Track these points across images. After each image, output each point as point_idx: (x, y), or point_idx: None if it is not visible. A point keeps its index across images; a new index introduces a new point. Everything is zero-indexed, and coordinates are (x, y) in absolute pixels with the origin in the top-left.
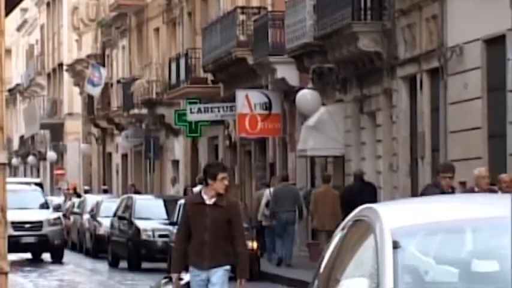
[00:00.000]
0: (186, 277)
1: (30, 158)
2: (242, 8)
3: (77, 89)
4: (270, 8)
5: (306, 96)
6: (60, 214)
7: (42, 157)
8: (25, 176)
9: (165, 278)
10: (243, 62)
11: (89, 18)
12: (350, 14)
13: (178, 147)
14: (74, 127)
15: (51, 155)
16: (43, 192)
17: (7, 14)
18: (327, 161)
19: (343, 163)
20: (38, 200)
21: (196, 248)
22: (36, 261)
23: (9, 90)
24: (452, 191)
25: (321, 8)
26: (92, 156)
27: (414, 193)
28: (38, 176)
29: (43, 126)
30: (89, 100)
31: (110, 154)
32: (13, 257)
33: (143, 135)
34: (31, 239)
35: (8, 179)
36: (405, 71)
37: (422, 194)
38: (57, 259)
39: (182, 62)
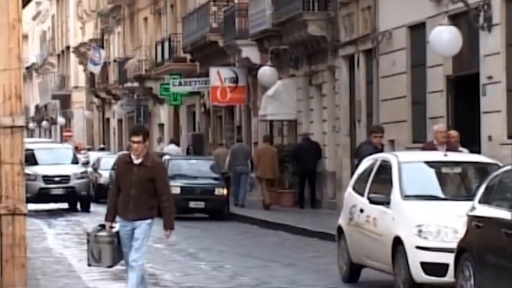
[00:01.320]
0: (116, 225)
1: (44, 123)
2: (214, 0)
3: (81, 67)
4: (236, 1)
5: (266, 72)
6: (87, 169)
7: (53, 122)
8: (40, 137)
9: (100, 225)
10: (215, 44)
11: (90, 9)
12: (301, 6)
13: (163, 113)
14: (79, 97)
15: (61, 120)
16: (73, 150)
17: (24, 6)
18: (282, 124)
19: (295, 126)
20: (69, 157)
21: (123, 201)
22: (65, 210)
23: (27, 68)
24: (381, 147)
25: (277, 0)
26: (94, 121)
27: (352, 149)
28: (50, 137)
29: (54, 97)
30: (91, 76)
31: (108, 119)
32: (45, 206)
33: (135, 103)
34: (60, 191)
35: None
36: (345, 51)
37: (358, 150)
38: (85, 208)
39: (166, 44)
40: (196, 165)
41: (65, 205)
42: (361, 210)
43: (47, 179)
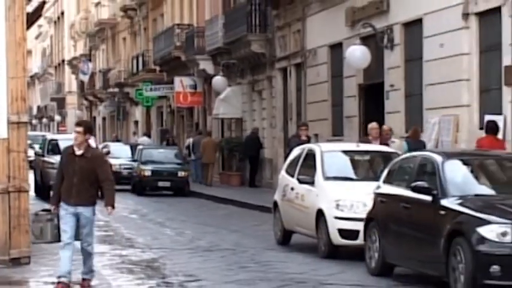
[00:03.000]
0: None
1: (44, 120)
2: (178, 24)
3: (73, 76)
4: (195, 24)
5: (218, 80)
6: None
7: (51, 119)
8: (41, 131)
9: (43, 210)
10: (178, 59)
11: (81, 31)
12: (246, 29)
13: (137, 113)
14: (71, 100)
15: (57, 118)
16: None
17: (28, 27)
18: (231, 121)
19: (241, 123)
20: None
21: (66, 188)
22: None
23: (30, 77)
24: (308, 139)
25: (228, 24)
26: (83, 118)
27: (285, 141)
28: (49, 131)
29: (52, 99)
30: (81, 83)
31: (94, 117)
32: None
33: (115, 105)
34: None
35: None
36: (280, 64)
37: (289, 141)
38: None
39: (140, 58)
40: (163, 153)
41: None
42: (292, 189)
43: None
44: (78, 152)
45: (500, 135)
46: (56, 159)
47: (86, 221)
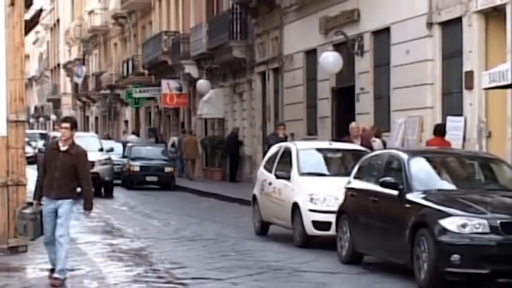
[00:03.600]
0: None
1: (41, 119)
2: (165, 31)
3: (68, 79)
4: (181, 31)
5: (202, 83)
6: (110, 155)
7: (47, 118)
8: (38, 129)
9: (27, 203)
10: (165, 63)
11: (75, 37)
12: (227, 36)
13: (127, 113)
14: (66, 101)
15: (53, 117)
16: (98, 138)
17: (26, 33)
18: (214, 121)
19: (223, 122)
20: (95, 144)
21: (48, 182)
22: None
23: (28, 79)
24: (285, 138)
25: (211, 31)
26: (77, 118)
27: (264, 139)
28: (45, 129)
29: (48, 100)
30: (75, 85)
31: (87, 117)
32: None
33: (107, 105)
34: None
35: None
36: (259, 69)
37: (268, 139)
38: (108, 193)
39: (130, 63)
40: (151, 151)
41: None
42: (270, 183)
43: None
44: (63, 148)
45: (460, 135)
46: None
47: (62, 211)
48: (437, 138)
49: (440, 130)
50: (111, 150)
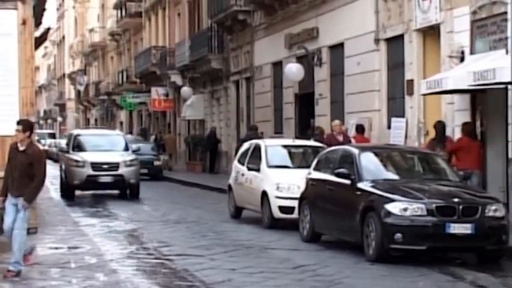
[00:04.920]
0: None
1: (49, 120)
2: (154, 46)
3: (72, 86)
4: (168, 46)
5: (186, 90)
6: (137, 156)
7: (54, 120)
8: (46, 129)
9: None
10: (154, 73)
11: (78, 51)
12: (207, 50)
13: (122, 115)
14: (71, 105)
15: (59, 119)
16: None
17: (36, 48)
18: (195, 122)
19: (203, 123)
20: (120, 144)
21: (11, 180)
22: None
23: (38, 87)
24: (261, 136)
25: (193, 46)
26: (80, 120)
27: (237, 137)
28: (53, 129)
29: (55, 105)
30: (78, 92)
31: (88, 119)
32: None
33: (105, 109)
34: (108, 179)
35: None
36: (234, 78)
37: (244, 138)
38: (134, 195)
39: (124, 73)
40: (142, 147)
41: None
42: (243, 174)
43: (96, 166)
44: (21, 148)
45: (403, 133)
46: (81, 156)
47: (20, 207)
48: (359, 136)
49: (360, 128)
50: (138, 150)
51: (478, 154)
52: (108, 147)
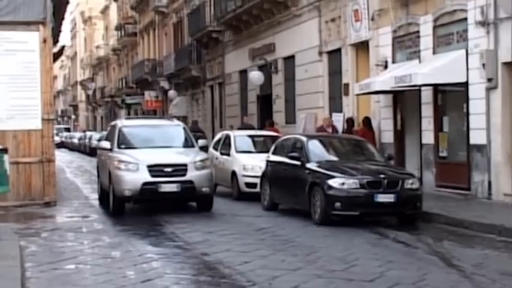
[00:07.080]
0: None
1: (65, 118)
2: (147, 59)
3: (82, 91)
4: (157, 58)
5: (172, 93)
6: (207, 155)
7: (69, 117)
8: (63, 125)
9: None
10: (147, 80)
11: (87, 63)
12: (188, 61)
13: (122, 113)
14: (82, 106)
15: (73, 117)
16: (186, 128)
17: (54, 60)
18: (180, 118)
19: (186, 119)
20: (180, 137)
21: None
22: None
23: (57, 92)
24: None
25: (177, 58)
26: (89, 117)
27: (212, 130)
28: (68, 124)
29: (70, 105)
30: (87, 95)
31: (95, 116)
32: None
33: (109, 109)
34: (173, 187)
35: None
36: (209, 83)
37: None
38: (206, 209)
39: (124, 80)
40: None
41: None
42: (217, 158)
43: (155, 169)
44: None
45: (341, 125)
46: (132, 155)
47: None
48: (272, 128)
49: (269, 123)
50: (205, 147)
51: (373, 139)
52: (166, 142)
